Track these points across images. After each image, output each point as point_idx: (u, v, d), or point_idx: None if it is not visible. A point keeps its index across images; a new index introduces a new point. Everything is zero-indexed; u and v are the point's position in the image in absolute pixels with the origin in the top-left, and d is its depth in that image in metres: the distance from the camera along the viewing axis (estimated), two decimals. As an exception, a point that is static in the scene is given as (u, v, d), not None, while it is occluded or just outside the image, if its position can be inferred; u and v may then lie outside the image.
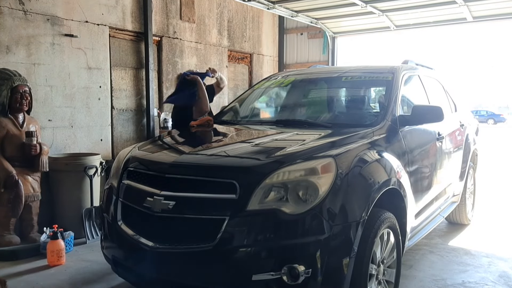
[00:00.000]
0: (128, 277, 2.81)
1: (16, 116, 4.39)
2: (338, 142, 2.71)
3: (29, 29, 4.85)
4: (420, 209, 3.44)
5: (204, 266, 2.29)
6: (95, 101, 5.58)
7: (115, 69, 5.96)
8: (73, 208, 4.70)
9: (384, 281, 2.77)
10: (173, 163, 2.60)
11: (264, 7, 7.34)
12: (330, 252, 2.24)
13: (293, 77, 4.33)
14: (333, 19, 8.30)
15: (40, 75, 4.96)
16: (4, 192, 4.21)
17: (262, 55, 8.90)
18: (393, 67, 3.75)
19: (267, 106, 5.55)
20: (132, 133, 6.27)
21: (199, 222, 2.36)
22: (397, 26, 8.23)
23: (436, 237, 4.67)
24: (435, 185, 3.72)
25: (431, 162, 3.60)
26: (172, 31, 6.76)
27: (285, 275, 2.19)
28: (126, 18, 5.96)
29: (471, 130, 5.06)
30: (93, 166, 4.83)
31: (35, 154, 4.39)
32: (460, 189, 4.62)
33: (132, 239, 2.54)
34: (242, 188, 2.29)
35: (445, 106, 4.28)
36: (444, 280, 3.54)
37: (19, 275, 3.61)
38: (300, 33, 9.20)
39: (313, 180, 2.31)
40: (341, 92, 4.19)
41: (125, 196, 2.77)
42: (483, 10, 7.22)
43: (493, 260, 3.99)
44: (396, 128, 3.17)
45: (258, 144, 2.89)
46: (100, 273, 3.68)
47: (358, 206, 2.40)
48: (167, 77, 6.74)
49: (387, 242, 2.74)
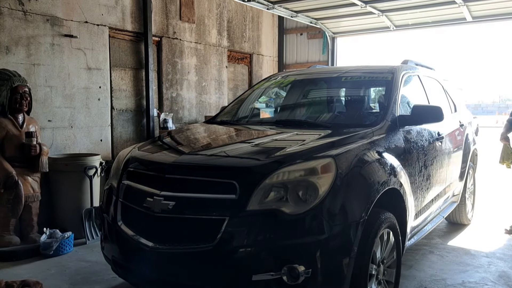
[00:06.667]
0: (128, 278, 2.81)
1: (16, 116, 4.39)
2: (338, 142, 2.71)
3: (29, 29, 4.85)
4: (420, 209, 3.44)
5: (204, 266, 2.29)
6: (95, 101, 5.58)
7: (115, 70, 5.96)
8: (73, 208, 4.70)
9: (384, 281, 2.77)
10: (173, 164, 2.59)
11: (264, 7, 7.34)
12: (330, 252, 2.24)
13: (293, 77, 4.33)
14: (332, 19, 8.30)
15: (40, 75, 4.96)
16: (4, 193, 4.21)
17: (261, 55, 8.90)
18: (393, 67, 3.75)
19: (267, 106, 5.56)
20: (132, 134, 6.27)
21: (199, 222, 2.35)
22: (396, 26, 8.23)
23: (436, 237, 4.68)
24: (435, 185, 3.73)
25: (431, 162, 3.59)
26: (172, 32, 6.76)
27: (285, 275, 2.18)
28: (126, 18, 5.96)
29: (471, 130, 5.06)
30: (93, 166, 4.83)
31: (35, 154, 4.39)
32: (460, 189, 4.63)
33: (132, 239, 2.54)
34: (242, 188, 2.28)
35: (444, 106, 4.28)
36: (444, 280, 3.54)
37: (19, 276, 3.60)
38: (300, 33, 9.21)
39: (313, 180, 2.30)
40: (341, 92, 4.19)
41: (125, 197, 2.77)
42: (483, 10, 7.22)
43: (493, 260, 3.99)
44: (396, 128, 3.17)
45: (258, 144, 2.89)
46: (100, 273, 3.68)
47: (358, 206, 2.39)
48: (167, 77, 6.74)
49: (387, 242, 2.75)
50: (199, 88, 7.36)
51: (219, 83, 7.81)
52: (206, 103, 7.51)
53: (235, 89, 8.38)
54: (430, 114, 3.26)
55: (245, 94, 4.35)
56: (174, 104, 6.90)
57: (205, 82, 7.48)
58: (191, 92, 7.21)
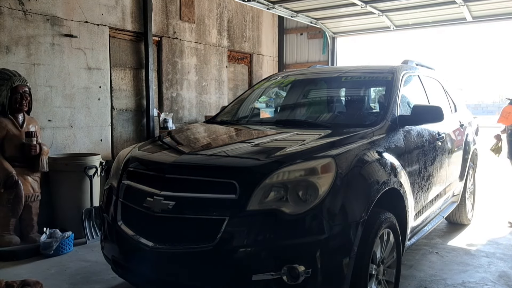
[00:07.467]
0: (128, 277, 2.81)
1: (16, 116, 4.39)
2: (338, 142, 2.71)
3: (29, 29, 4.85)
4: (420, 209, 3.44)
5: (204, 266, 2.29)
6: (95, 101, 5.58)
7: (115, 69, 5.96)
8: (73, 208, 4.70)
9: (384, 281, 2.77)
10: (173, 163, 2.59)
11: (264, 7, 7.34)
12: (330, 252, 2.24)
13: (293, 77, 4.33)
14: (333, 19, 8.30)
15: (40, 75, 4.96)
16: (4, 192, 4.21)
17: (262, 55, 8.90)
18: (393, 67, 3.75)
19: (267, 106, 5.56)
20: (132, 133, 6.27)
21: (199, 222, 2.35)
22: (397, 26, 8.23)
23: (436, 237, 4.68)
24: (435, 185, 3.73)
25: (431, 162, 3.59)
26: (172, 31, 6.76)
27: (285, 275, 2.18)
28: (126, 18, 5.96)
29: (471, 130, 5.06)
30: (93, 166, 4.83)
31: (35, 154, 4.39)
32: (460, 189, 4.62)
33: (132, 239, 2.54)
34: (242, 188, 2.28)
35: (445, 106, 4.28)
36: (444, 280, 3.54)
37: (19, 275, 3.60)
38: (300, 33, 9.21)
39: (313, 180, 2.30)
40: (341, 92, 4.19)
41: (125, 196, 2.77)
42: (483, 10, 7.22)
43: (493, 260, 3.99)
44: (396, 128, 3.17)
45: (258, 144, 2.89)
46: (100, 273, 3.68)
47: (358, 206, 2.39)
48: (167, 77, 6.74)
49: (387, 242, 2.75)
50: (199, 88, 7.36)
51: (219, 83, 7.81)
52: (206, 103, 7.52)
53: (235, 89, 8.38)
54: (430, 114, 3.26)
55: (245, 94, 4.35)
56: (174, 104, 6.90)
57: (205, 82, 7.48)
58: (191, 92, 7.21)
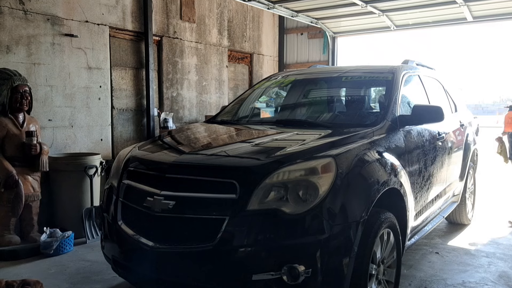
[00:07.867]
0: (128, 277, 2.81)
1: (16, 116, 4.39)
2: (338, 142, 2.71)
3: (29, 29, 4.85)
4: (420, 209, 3.44)
5: (204, 266, 2.29)
6: (95, 101, 5.58)
7: (115, 69, 5.96)
8: (73, 208, 4.70)
9: (384, 281, 2.77)
10: (173, 163, 2.59)
11: (264, 7, 7.34)
12: (330, 252, 2.24)
13: (293, 77, 4.33)
14: (333, 19, 8.31)
15: (40, 75, 4.97)
16: (4, 192, 4.21)
17: (262, 55, 8.90)
18: (393, 67, 3.75)
19: (267, 106, 5.56)
20: (132, 133, 6.28)
21: (199, 222, 2.35)
22: (397, 26, 8.23)
23: (436, 237, 4.67)
24: (435, 185, 3.72)
25: (431, 162, 3.59)
26: (172, 31, 6.76)
27: (285, 275, 2.18)
28: (126, 18, 5.96)
29: (471, 130, 5.06)
30: (93, 166, 4.83)
31: (35, 154, 4.39)
32: (460, 189, 4.62)
33: (132, 239, 2.54)
34: (242, 188, 2.28)
35: (445, 106, 4.28)
36: (444, 280, 3.54)
37: (19, 275, 3.61)
38: (300, 33, 9.21)
39: (313, 180, 2.30)
40: (341, 92, 4.19)
41: (125, 196, 2.77)
42: (483, 10, 7.22)
43: (493, 260, 3.99)
44: (396, 128, 3.17)
45: (258, 144, 2.89)
46: (100, 273, 3.68)
47: (358, 206, 2.39)
48: (167, 77, 6.75)
49: (387, 242, 2.74)
50: (199, 88, 7.36)
51: (220, 82, 7.81)
52: (206, 102, 7.52)
53: (236, 88, 8.38)
54: (430, 114, 3.26)
55: (246, 93, 4.34)
56: (174, 103, 6.90)
57: (206, 81, 7.48)
58: (192, 92, 7.21)
